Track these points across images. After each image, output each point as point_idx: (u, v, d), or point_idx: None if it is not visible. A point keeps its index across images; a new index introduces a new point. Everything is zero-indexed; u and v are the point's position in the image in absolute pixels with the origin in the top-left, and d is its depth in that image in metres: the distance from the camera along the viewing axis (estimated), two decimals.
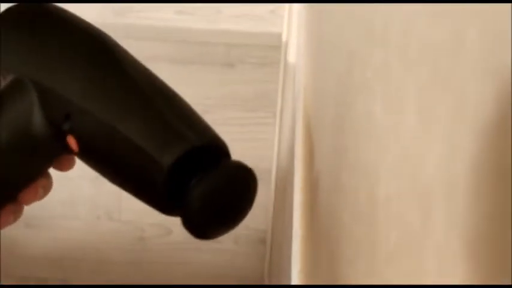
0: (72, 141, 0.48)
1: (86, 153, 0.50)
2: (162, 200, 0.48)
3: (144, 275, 1.54)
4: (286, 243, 0.91)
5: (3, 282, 1.46)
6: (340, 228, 0.55)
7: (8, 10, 0.49)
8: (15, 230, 0.66)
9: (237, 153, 1.87)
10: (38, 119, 0.47)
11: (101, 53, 0.50)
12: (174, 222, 0.48)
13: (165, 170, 0.46)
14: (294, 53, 1.13)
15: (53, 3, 0.50)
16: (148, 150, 0.46)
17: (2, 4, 1.24)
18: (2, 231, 0.47)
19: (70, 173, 0.51)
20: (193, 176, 0.46)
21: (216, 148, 0.49)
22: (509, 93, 0.24)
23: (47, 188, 0.50)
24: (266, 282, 1.51)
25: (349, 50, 0.57)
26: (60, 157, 0.51)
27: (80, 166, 0.51)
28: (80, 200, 1.55)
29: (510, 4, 0.24)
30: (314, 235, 0.68)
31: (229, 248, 1.51)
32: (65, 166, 0.51)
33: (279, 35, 1.56)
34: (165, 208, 0.48)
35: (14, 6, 0.49)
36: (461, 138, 0.28)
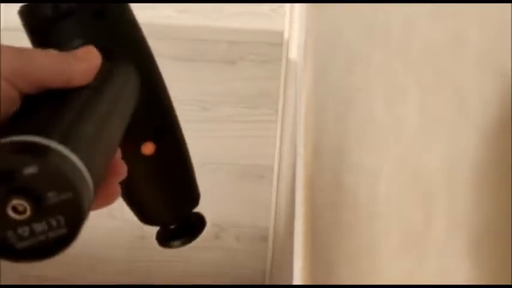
0: (149, 146, 0.52)
1: (154, 161, 0.54)
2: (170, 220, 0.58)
3: (144, 273, 1.55)
4: (288, 241, 0.91)
5: (3, 282, 1.46)
6: (342, 226, 0.55)
7: None
8: None
9: (239, 150, 1.86)
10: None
11: None
12: None
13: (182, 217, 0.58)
14: (296, 50, 1.13)
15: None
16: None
17: (2, 4, 1.23)
18: None
19: None
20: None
21: None
22: (509, 93, 0.24)
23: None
24: (267, 280, 1.51)
25: (350, 49, 0.57)
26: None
27: None
28: None
29: (510, 4, 0.24)
30: (315, 233, 0.68)
31: (230, 245, 1.51)
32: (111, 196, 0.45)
33: (281, 33, 1.56)
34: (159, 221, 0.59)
35: None
36: (462, 138, 0.28)
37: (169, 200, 0.58)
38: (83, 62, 0.40)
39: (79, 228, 0.33)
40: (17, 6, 0.47)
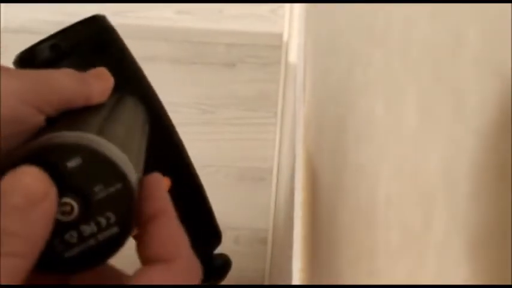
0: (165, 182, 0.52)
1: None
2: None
3: None
4: (287, 243, 0.91)
5: None
6: (341, 228, 0.55)
7: None
8: None
9: (238, 153, 1.86)
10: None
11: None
12: None
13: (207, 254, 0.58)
14: (295, 52, 1.13)
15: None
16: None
17: (2, 4, 1.23)
18: None
19: None
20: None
21: None
22: (509, 93, 0.24)
23: None
24: (267, 282, 1.51)
25: (350, 50, 0.57)
26: None
27: None
28: None
29: (510, 4, 0.24)
30: (315, 235, 0.68)
31: (229, 247, 1.51)
32: None
33: (280, 35, 1.57)
34: None
35: None
36: (462, 138, 0.28)
37: (189, 240, 0.56)
38: (100, 81, 0.39)
39: (132, 224, 0.31)
40: (17, 6, 0.47)
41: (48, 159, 0.29)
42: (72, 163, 0.29)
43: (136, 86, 0.50)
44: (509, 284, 0.23)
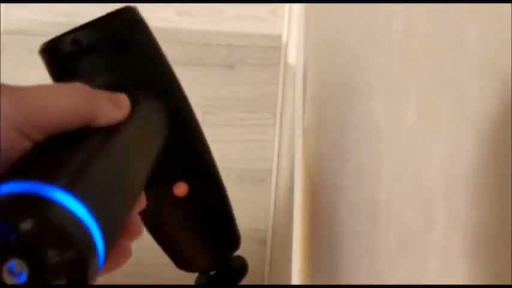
0: (181, 187, 0.50)
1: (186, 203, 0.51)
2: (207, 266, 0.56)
3: (144, 275, 1.54)
4: (286, 244, 0.91)
5: None
6: (341, 228, 0.55)
7: None
8: None
9: (238, 154, 1.86)
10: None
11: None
12: None
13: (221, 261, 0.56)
14: (294, 54, 1.13)
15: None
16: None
17: (2, 4, 1.23)
18: None
19: None
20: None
21: None
22: (509, 93, 0.24)
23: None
24: (266, 283, 1.51)
25: (350, 50, 0.57)
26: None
27: None
28: None
29: (510, 4, 0.24)
30: (314, 235, 0.68)
31: None
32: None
33: (279, 36, 1.56)
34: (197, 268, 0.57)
35: None
36: (462, 138, 0.28)
37: (207, 245, 0.54)
38: (113, 108, 0.37)
39: None
40: (17, 7, 0.46)
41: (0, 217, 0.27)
42: (25, 225, 0.27)
43: (160, 88, 0.48)
44: (509, 284, 0.23)
